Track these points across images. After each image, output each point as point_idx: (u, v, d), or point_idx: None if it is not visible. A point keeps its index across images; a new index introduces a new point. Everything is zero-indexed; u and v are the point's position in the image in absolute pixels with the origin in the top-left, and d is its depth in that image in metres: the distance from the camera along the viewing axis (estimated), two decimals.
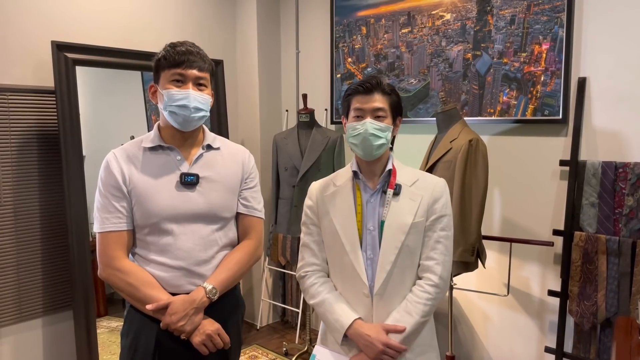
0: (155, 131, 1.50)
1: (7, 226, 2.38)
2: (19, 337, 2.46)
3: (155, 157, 1.47)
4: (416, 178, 1.48)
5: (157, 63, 1.45)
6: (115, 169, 1.43)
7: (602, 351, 2.24)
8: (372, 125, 1.42)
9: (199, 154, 1.49)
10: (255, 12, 3.41)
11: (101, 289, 3.28)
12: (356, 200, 1.47)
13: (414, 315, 1.40)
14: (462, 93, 2.67)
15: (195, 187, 1.45)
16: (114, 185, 1.42)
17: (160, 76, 1.44)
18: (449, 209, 1.47)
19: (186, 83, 1.42)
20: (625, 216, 2.16)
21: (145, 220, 1.42)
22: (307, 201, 1.56)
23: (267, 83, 3.53)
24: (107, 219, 1.41)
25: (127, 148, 1.49)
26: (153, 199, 1.41)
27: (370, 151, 1.43)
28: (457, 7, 2.66)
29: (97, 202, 1.44)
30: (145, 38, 2.90)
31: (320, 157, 2.90)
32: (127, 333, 1.46)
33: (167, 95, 1.40)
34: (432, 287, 1.42)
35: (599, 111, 2.28)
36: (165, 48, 1.45)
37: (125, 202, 1.42)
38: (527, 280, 2.54)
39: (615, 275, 2.17)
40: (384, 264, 1.42)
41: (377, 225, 1.45)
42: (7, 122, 2.36)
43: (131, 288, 1.40)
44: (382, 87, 1.44)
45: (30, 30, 2.44)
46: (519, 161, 2.52)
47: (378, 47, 3.03)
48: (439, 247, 1.44)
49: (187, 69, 1.41)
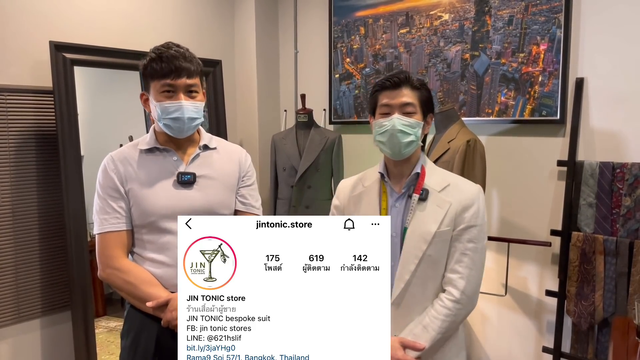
0: (151, 134, 1.51)
1: (5, 227, 2.38)
2: (17, 338, 2.46)
3: (152, 158, 1.48)
4: (447, 183, 1.38)
5: (145, 72, 1.44)
6: (112, 170, 1.44)
7: (600, 351, 2.25)
8: (399, 120, 1.33)
9: (195, 154, 1.50)
10: (253, 13, 3.40)
11: (99, 289, 3.27)
12: (381, 204, 1.41)
13: (430, 331, 1.32)
14: (460, 93, 2.68)
15: (192, 185, 1.46)
16: (112, 187, 1.43)
17: (149, 86, 1.44)
18: (480, 219, 1.36)
19: (177, 93, 1.41)
20: (622, 216, 2.16)
21: (143, 220, 1.43)
22: (334, 200, 1.53)
23: (265, 83, 3.53)
24: (105, 220, 1.42)
25: (124, 150, 1.50)
26: (150, 197, 1.42)
27: (399, 149, 1.35)
28: (455, 8, 2.66)
29: (96, 204, 1.45)
30: (144, 38, 2.90)
31: (318, 158, 2.90)
32: (127, 333, 1.47)
33: (159, 108, 1.41)
34: (452, 302, 1.33)
35: (596, 111, 2.29)
36: (149, 55, 1.43)
37: (123, 202, 1.43)
38: (524, 281, 2.55)
39: (612, 275, 2.17)
40: (403, 273, 1.35)
41: (399, 232, 1.37)
42: (5, 122, 2.36)
43: (130, 286, 1.40)
44: (410, 82, 1.35)
45: (28, 30, 2.43)
46: (517, 161, 2.53)
47: (376, 48, 3.03)
48: (464, 260, 1.34)
49: (176, 79, 1.40)
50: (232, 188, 1.53)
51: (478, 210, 1.36)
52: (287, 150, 2.98)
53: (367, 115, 3.11)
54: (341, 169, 2.99)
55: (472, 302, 1.37)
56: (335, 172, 2.98)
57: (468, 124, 2.44)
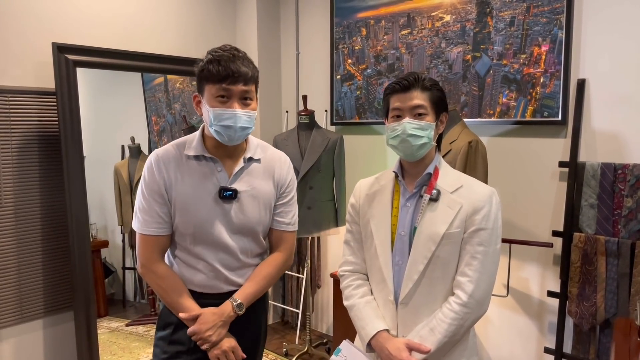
0: (199, 139, 1.49)
1: (8, 227, 2.39)
2: (20, 339, 2.47)
3: (198, 166, 1.47)
4: (460, 184, 1.37)
5: (201, 74, 1.40)
6: (159, 174, 1.45)
7: (602, 352, 2.25)
8: (410, 125, 1.33)
9: (239, 168, 1.49)
10: (255, 14, 3.41)
11: (101, 289, 3.28)
12: (393, 202, 1.42)
13: (436, 334, 1.31)
14: (461, 94, 2.68)
15: (232, 201, 1.47)
16: (157, 191, 1.45)
17: (204, 89, 1.41)
18: (491, 223, 1.33)
19: (231, 99, 1.38)
20: (624, 217, 2.16)
21: (182, 229, 1.47)
22: (351, 198, 1.54)
23: (267, 84, 3.54)
24: (148, 222, 1.45)
25: (170, 151, 1.48)
26: (191, 210, 1.45)
27: (412, 152, 1.35)
28: (457, 9, 2.66)
29: (140, 201, 1.47)
30: (146, 40, 2.91)
31: (320, 159, 2.91)
32: (163, 327, 1.54)
33: (213, 114, 1.38)
34: (460, 305, 1.31)
35: (598, 112, 2.29)
36: (207, 57, 1.39)
37: (167, 208, 1.46)
38: (526, 281, 2.55)
39: (614, 276, 2.17)
40: (412, 273, 1.35)
41: (408, 231, 1.37)
42: (7, 123, 2.37)
43: (162, 291, 1.48)
44: (421, 83, 1.35)
45: (31, 31, 2.45)
46: (519, 162, 2.53)
47: (378, 49, 3.04)
48: (474, 264, 1.32)
49: (232, 85, 1.37)
50: (269, 206, 1.55)
51: (489, 213, 1.34)
52: (289, 151, 2.99)
53: (368, 117, 3.12)
54: (343, 170, 3.00)
55: (482, 307, 1.35)
56: (337, 173, 2.99)
57: (470, 125, 2.44)
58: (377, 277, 1.43)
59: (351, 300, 1.47)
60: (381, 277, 1.40)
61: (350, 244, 1.52)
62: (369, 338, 1.39)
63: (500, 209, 1.38)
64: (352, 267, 1.51)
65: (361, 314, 1.42)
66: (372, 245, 1.43)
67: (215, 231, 1.46)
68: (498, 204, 1.37)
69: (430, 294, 1.35)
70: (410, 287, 1.35)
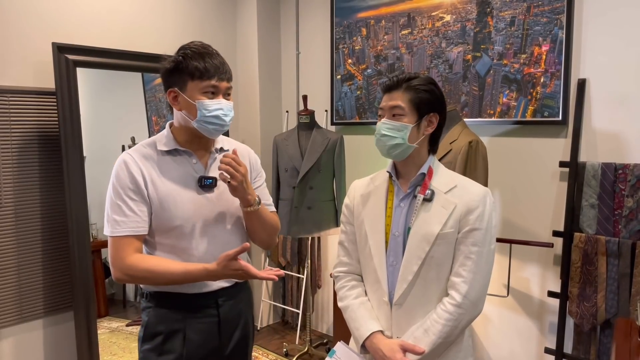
0: (168, 134, 1.48)
1: (8, 227, 2.39)
2: (19, 338, 2.47)
3: (172, 160, 1.46)
4: (454, 184, 1.37)
5: (183, 69, 1.39)
6: (135, 171, 1.40)
7: (602, 352, 2.25)
8: (384, 125, 1.36)
9: (213, 158, 1.50)
10: (255, 14, 3.41)
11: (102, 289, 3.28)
12: (387, 202, 1.42)
13: (430, 335, 1.31)
14: (462, 94, 2.68)
15: (213, 189, 1.47)
16: (133, 189, 1.39)
17: (185, 84, 1.40)
18: (485, 223, 1.32)
19: (217, 95, 1.41)
20: (624, 217, 2.16)
21: (167, 224, 1.41)
22: (346, 199, 1.54)
23: (267, 84, 3.54)
24: (123, 223, 1.37)
25: (143, 150, 1.46)
26: (176, 203, 1.41)
27: (385, 152, 1.38)
28: (457, 9, 2.66)
29: (112, 204, 1.39)
30: (146, 40, 2.91)
31: (320, 159, 2.91)
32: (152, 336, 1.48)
33: (201, 106, 1.38)
34: (454, 306, 1.30)
35: (598, 112, 2.29)
36: (184, 52, 1.40)
37: (145, 205, 1.40)
38: (527, 282, 2.55)
39: (614, 276, 2.17)
40: (406, 274, 1.34)
41: (402, 232, 1.37)
42: (7, 123, 2.37)
43: (159, 276, 1.37)
44: (405, 84, 1.35)
45: (31, 31, 2.45)
46: (519, 162, 2.53)
47: (378, 49, 3.03)
48: (467, 264, 1.31)
49: (220, 82, 1.41)
50: None
51: (483, 213, 1.33)
52: (289, 151, 2.99)
53: (368, 117, 3.12)
54: (343, 170, 3.00)
55: (476, 308, 1.34)
56: (337, 173, 2.99)
57: (470, 125, 2.43)
58: (371, 278, 1.43)
59: (345, 302, 1.46)
60: (375, 278, 1.40)
61: (344, 245, 1.52)
62: (363, 339, 1.38)
63: (495, 209, 1.39)
64: (346, 268, 1.51)
65: (355, 315, 1.42)
66: (367, 246, 1.42)
67: (201, 221, 1.44)
68: (492, 204, 1.37)
69: (424, 295, 1.35)
70: (404, 287, 1.35)
